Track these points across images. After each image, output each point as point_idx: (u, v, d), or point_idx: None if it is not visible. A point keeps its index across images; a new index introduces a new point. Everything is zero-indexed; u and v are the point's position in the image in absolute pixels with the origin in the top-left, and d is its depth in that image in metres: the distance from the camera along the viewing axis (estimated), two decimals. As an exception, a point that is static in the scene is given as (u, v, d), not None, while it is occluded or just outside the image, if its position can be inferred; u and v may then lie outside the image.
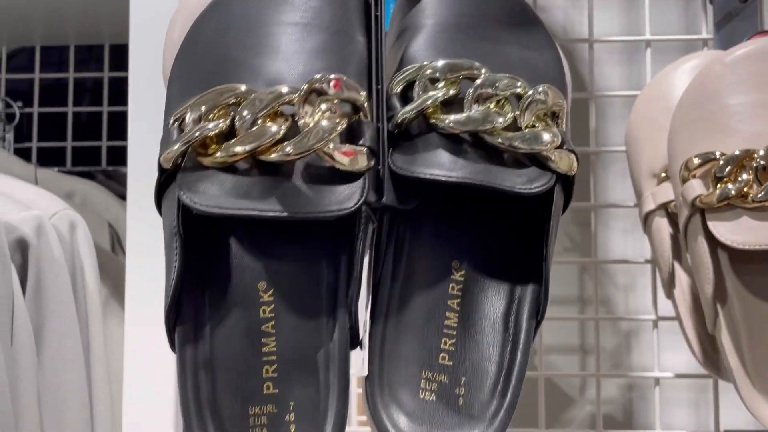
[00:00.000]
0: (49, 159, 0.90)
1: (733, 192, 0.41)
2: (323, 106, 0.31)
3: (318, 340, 0.33)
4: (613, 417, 0.72)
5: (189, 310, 0.32)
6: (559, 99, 0.34)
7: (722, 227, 0.42)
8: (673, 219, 0.51)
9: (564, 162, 0.34)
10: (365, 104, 0.32)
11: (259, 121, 0.30)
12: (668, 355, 0.64)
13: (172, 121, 0.31)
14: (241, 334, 0.33)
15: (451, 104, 0.34)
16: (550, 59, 0.37)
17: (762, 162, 0.41)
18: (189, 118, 0.31)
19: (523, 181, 0.32)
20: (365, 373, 0.33)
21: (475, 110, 0.33)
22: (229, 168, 0.30)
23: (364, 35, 0.35)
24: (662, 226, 0.51)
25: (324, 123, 0.30)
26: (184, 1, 0.43)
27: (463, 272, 0.36)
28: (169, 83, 0.34)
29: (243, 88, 0.31)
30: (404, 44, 0.37)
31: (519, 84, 0.34)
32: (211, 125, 0.30)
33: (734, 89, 0.44)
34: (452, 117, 0.33)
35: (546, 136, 0.33)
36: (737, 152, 0.42)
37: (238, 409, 0.32)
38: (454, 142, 0.33)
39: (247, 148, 0.30)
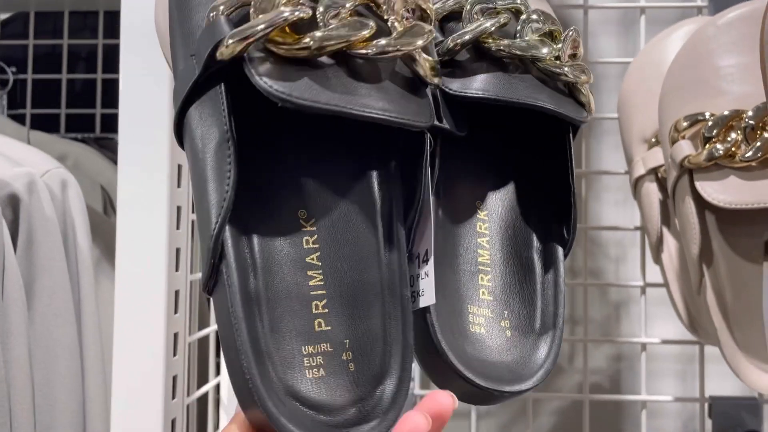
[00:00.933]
0: (43, 126, 0.89)
1: (721, 151, 0.42)
2: (402, 15, 0.28)
3: (372, 270, 0.30)
4: (600, 385, 0.73)
5: (230, 239, 0.28)
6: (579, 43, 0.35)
7: (710, 187, 0.42)
8: (662, 184, 0.51)
9: (591, 100, 0.35)
10: (432, 15, 0.30)
11: (344, 13, 0.27)
12: (657, 323, 0.65)
13: (221, 8, 0.27)
14: (284, 268, 0.29)
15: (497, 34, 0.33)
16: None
17: (751, 122, 0.41)
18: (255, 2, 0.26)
19: (568, 110, 0.33)
20: (430, 301, 0.31)
21: (531, 38, 0.33)
22: (309, 60, 0.27)
23: None
24: (652, 190, 0.51)
25: (421, 25, 0.28)
26: None
27: (486, 212, 0.36)
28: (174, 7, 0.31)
29: None
30: None
31: (556, 23, 0.34)
32: (287, 11, 0.26)
33: (725, 51, 0.44)
34: (507, 41, 0.33)
35: (584, 73, 0.34)
36: (726, 113, 0.42)
37: (291, 350, 0.29)
38: (505, 67, 0.33)
39: (343, 38, 0.26)
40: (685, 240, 0.45)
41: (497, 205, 0.36)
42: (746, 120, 0.41)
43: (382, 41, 0.27)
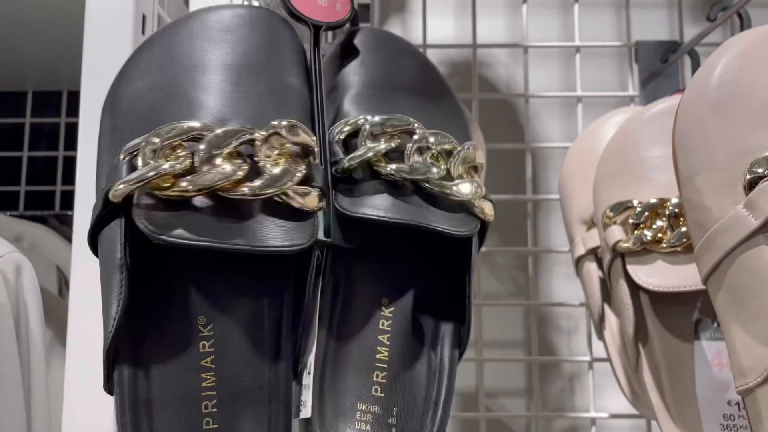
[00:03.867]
0: (3, 202, 0.90)
1: (648, 237, 0.44)
2: (283, 149, 0.32)
3: (261, 374, 0.33)
4: (556, 459, 0.73)
5: (127, 347, 0.32)
6: (481, 155, 0.38)
7: (640, 270, 0.45)
8: (601, 263, 0.54)
9: (486, 210, 0.37)
10: (315, 149, 0.34)
11: (219, 159, 0.31)
12: (610, 395, 0.66)
13: (122, 155, 0.32)
14: (180, 369, 0.33)
15: (392, 154, 0.37)
16: (463, 125, 0.41)
17: (675, 210, 0.44)
18: (144, 153, 0.31)
19: (455, 225, 0.36)
20: (308, 415, 0.34)
21: (415, 161, 0.36)
22: (186, 201, 0.31)
23: (301, 82, 0.37)
24: (592, 269, 0.54)
25: (287, 166, 0.32)
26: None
27: (392, 308, 0.38)
28: (108, 115, 0.35)
29: (198, 124, 0.32)
30: (338, 99, 0.39)
31: (450, 140, 0.37)
32: (167, 165, 0.30)
33: (650, 142, 0.48)
34: (395, 166, 0.36)
35: (473, 187, 0.37)
36: (653, 200, 0.45)
37: None
38: (395, 187, 0.36)
39: (206, 184, 0.30)
40: (621, 320, 0.47)
41: (402, 302, 0.38)
42: (670, 208, 0.44)
43: (245, 188, 0.31)
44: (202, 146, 0.31)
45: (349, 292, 0.38)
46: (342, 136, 0.37)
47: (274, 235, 0.31)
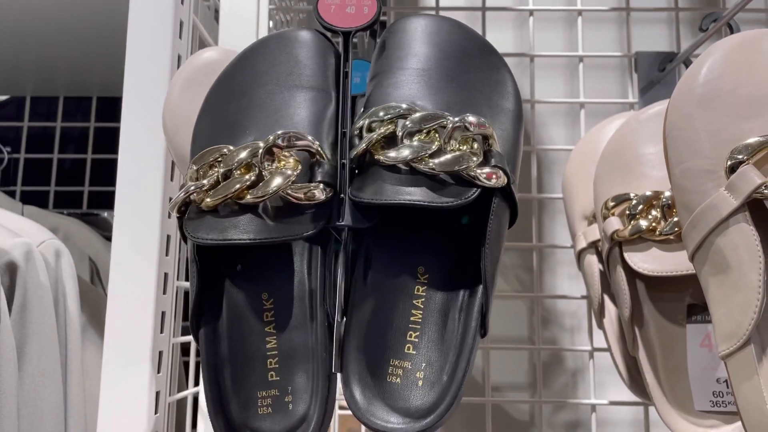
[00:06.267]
0: (33, 202, 0.94)
1: (644, 226, 0.48)
2: (285, 155, 0.39)
3: (305, 337, 0.41)
4: (559, 450, 0.76)
5: (209, 317, 0.41)
6: (485, 126, 0.39)
7: (636, 257, 0.48)
8: (601, 256, 0.58)
9: (489, 178, 0.39)
10: (319, 148, 0.40)
11: (237, 172, 0.39)
12: (611, 389, 0.70)
13: (186, 176, 0.41)
14: (250, 335, 0.42)
15: (391, 141, 0.41)
16: (505, 90, 0.44)
17: (668, 201, 0.48)
18: (189, 174, 0.40)
19: (449, 197, 0.38)
20: (335, 369, 0.40)
21: (406, 144, 0.39)
22: (219, 209, 0.39)
23: (336, 90, 0.42)
24: (592, 262, 0.57)
25: (282, 172, 0.39)
26: (186, 64, 0.50)
27: (426, 276, 0.42)
28: (192, 142, 0.43)
29: (228, 148, 0.40)
30: (371, 88, 0.44)
31: (443, 117, 0.40)
32: (192, 186, 0.39)
33: (646, 141, 0.52)
34: (387, 152, 0.40)
35: (465, 158, 0.39)
36: (648, 193, 0.49)
37: (248, 393, 0.40)
38: (394, 171, 0.39)
39: (219, 197, 0.39)
40: (619, 304, 0.50)
41: (436, 271, 0.42)
42: (663, 199, 0.48)
43: (250, 195, 0.39)
44: (221, 166, 0.39)
45: (383, 264, 0.42)
46: (357, 131, 0.41)
47: (286, 226, 0.38)
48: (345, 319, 0.40)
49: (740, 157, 0.36)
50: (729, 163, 0.36)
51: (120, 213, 0.53)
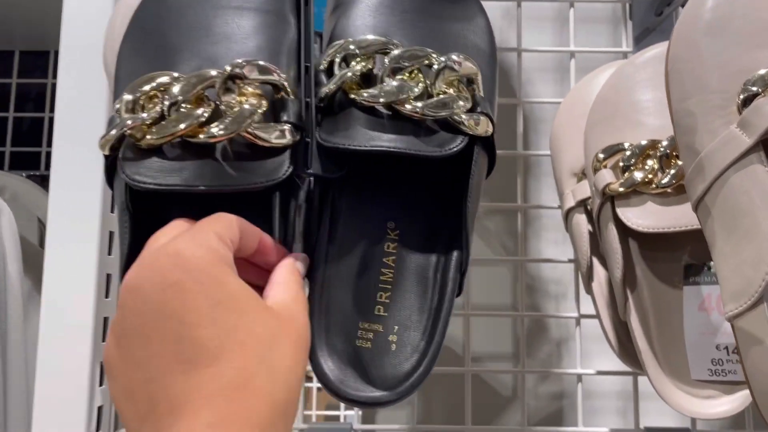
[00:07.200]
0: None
1: (639, 179, 0.44)
2: (246, 90, 0.33)
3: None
4: (544, 422, 0.73)
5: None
6: (472, 66, 0.35)
7: (629, 213, 0.44)
8: (591, 215, 0.53)
9: (477, 125, 0.35)
10: (285, 83, 0.34)
11: (186, 105, 0.33)
12: (597, 359, 0.66)
13: (115, 106, 0.34)
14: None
15: (369, 79, 0.36)
16: (479, 28, 0.39)
17: (666, 150, 0.44)
18: (122, 105, 0.33)
19: (434, 145, 0.34)
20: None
21: (388, 83, 0.35)
22: (163, 148, 0.33)
23: (296, 16, 0.37)
24: (581, 221, 0.53)
25: (246, 106, 0.32)
26: (122, 1, 0.44)
27: (398, 232, 0.37)
28: (116, 68, 0.36)
29: (172, 75, 0.33)
30: (335, 20, 0.38)
31: (429, 55, 0.35)
32: (129, 121, 0.33)
33: (643, 87, 0.47)
34: (367, 91, 0.35)
35: (454, 102, 0.34)
36: (644, 142, 0.45)
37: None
38: (372, 114, 0.34)
39: (167, 134, 0.32)
40: (609, 265, 0.46)
41: (409, 227, 0.37)
42: (661, 149, 0.44)
43: (208, 133, 0.32)
44: (168, 96, 0.33)
45: (351, 218, 0.37)
46: (325, 65, 0.36)
47: (244, 173, 0.32)
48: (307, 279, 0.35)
49: (755, 89, 0.31)
50: (742, 96, 0.32)
51: (57, 173, 0.47)
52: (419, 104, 0.34)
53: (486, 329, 0.74)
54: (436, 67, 0.35)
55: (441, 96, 0.35)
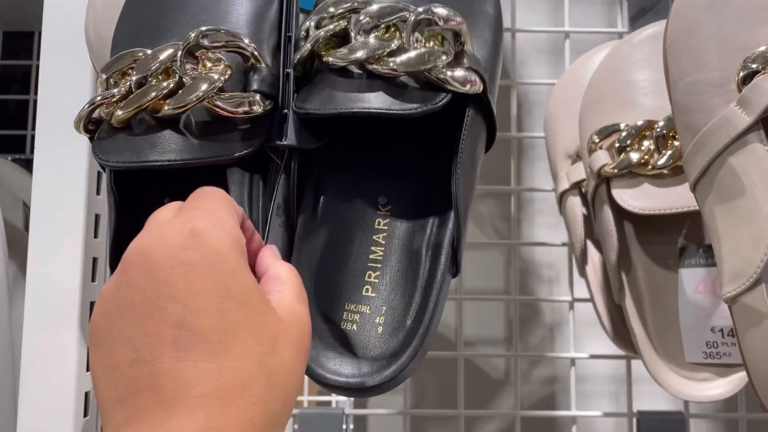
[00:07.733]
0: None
1: (635, 160, 0.43)
2: (209, 59, 0.32)
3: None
4: (536, 405, 0.73)
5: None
6: (453, 18, 0.32)
7: (625, 194, 0.43)
8: (585, 198, 0.53)
9: (464, 82, 0.32)
10: (255, 51, 0.33)
11: (152, 80, 0.32)
12: (590, 343, 0.66)
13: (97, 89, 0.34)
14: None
15: (344, 40, 0.34)
16: None
17: (663, 131, 0.43)
18: (99, 84, 0.33)
19: (414, 103, 0.32)
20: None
21: (360, 41, 0.32)
22: (133, 125, 0.32)
23: None
24: (575, 204, 0.52)
25: (206, 77, 0.32)
26: None
27: (389, 208, 0.36)
28: (111, 51, 0.36)
29: (145, 51, 0.33)
30: None
31: (402, 9, 0.33)
32: (99, 97, 0.33)
33: (639, 67, 0.46)
34: (338, 51, 0.33)
35: (432, 56, 0.32)
36: (640, 123, 0.44)
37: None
38: (346, 76, 0.33)
39: (131, 108, 0.32)
40: (604, 247, 0.46)
41: (401, 202, 0.36)
42: (658, 129, 0.43)
43: (169, 105, 0.32)
44: (133, 73, 0.32)
45: (342, 192, 0.36)
46: (303, 33, 0.35)
47: (207, 146, 0.32)
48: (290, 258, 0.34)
49: (755, 66, 0.31)
50: (741, 74, 0.31)
51: (40, 155, 0.46)
52: (394, 60, 0.32)
53: (479, 313, 0.74)
54: (412, 18, 0.32)
55: (417, 51, 0.32)
